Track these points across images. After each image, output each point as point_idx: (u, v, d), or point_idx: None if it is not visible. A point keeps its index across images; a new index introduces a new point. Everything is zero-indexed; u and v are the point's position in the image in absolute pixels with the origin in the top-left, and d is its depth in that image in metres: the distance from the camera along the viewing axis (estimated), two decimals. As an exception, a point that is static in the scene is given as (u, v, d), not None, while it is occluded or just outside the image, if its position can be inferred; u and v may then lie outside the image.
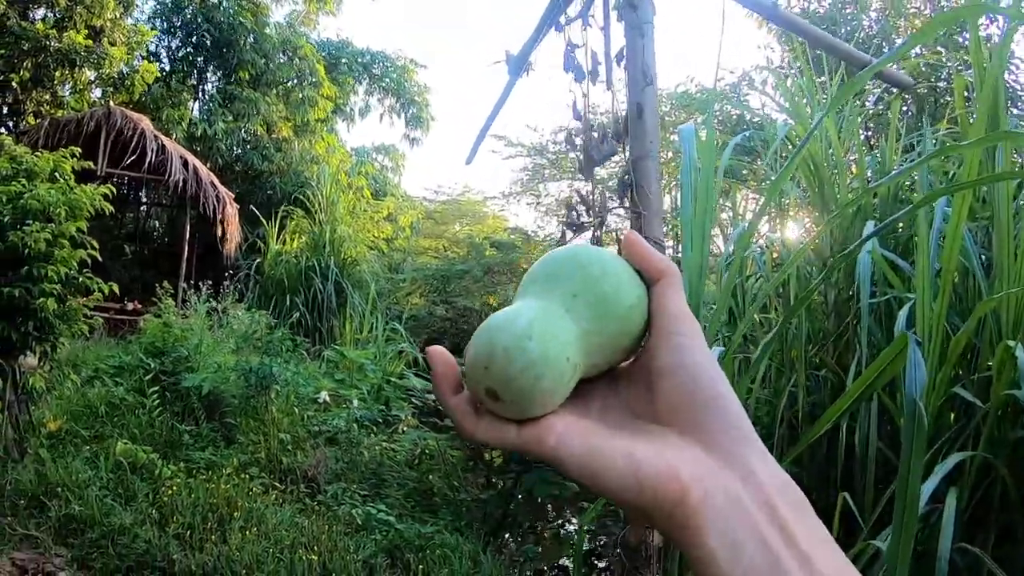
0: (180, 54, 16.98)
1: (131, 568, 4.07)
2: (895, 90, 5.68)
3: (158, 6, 16.80)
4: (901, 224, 3.83)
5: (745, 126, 9.62)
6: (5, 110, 14.28)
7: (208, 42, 16.18)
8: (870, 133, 7.76)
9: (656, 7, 1.94)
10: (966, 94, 3.80)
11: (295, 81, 16.46)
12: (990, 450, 2.65)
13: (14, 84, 13.10)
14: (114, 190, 7.25)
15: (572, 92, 2.05)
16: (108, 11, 13.29)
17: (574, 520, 7.74)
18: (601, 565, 5.88)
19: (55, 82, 13.76)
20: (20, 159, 5.61)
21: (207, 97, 16.85)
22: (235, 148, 15.79)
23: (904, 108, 6.56)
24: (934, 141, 4.46)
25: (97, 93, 15.01)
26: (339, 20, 33.11)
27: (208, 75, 17.30)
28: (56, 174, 5.78)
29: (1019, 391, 2.43)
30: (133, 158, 12.49)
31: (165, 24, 16.74)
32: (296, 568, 4.06)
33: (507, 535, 6.48)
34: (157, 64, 15.52)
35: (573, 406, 0.49)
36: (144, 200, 18.10)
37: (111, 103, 13.13)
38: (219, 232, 13.52)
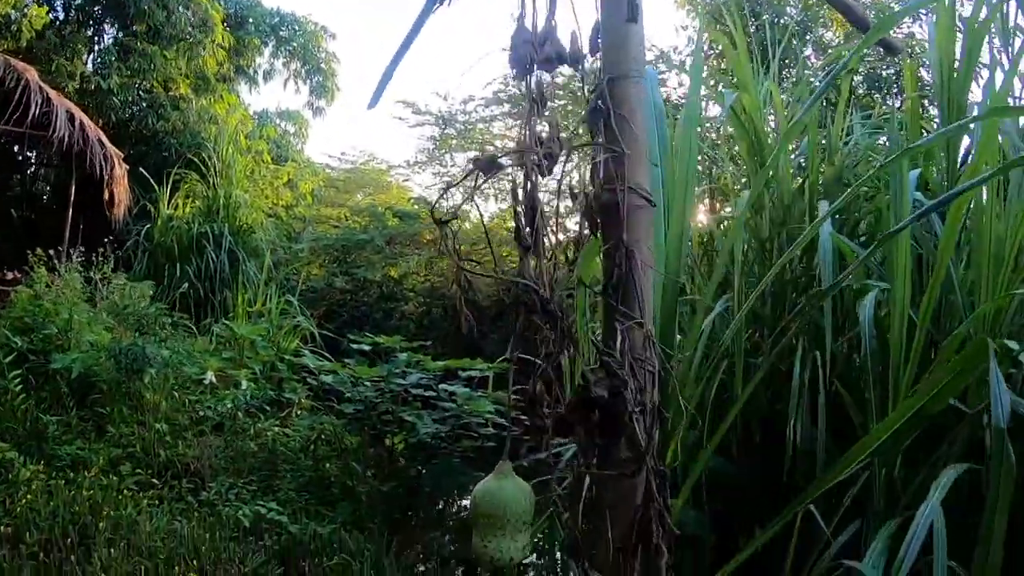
0: (76, 2, 15.53)
1: (-22, 602, 3.44)
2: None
3: (53, -54, 15.30)
4: (851, 205, 3.58)
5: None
6: None
7: (106, -11, 14.92)
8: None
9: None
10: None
11: (188, 28, 15.31)
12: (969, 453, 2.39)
13: None
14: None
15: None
16: (-5, -52, 11.93)
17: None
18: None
19: (-70, 24, 12.34)
20: None
21: (102, 49, 15.52)
22: (130, 106, 14.69)
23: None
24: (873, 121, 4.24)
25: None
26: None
27: (105, 26, 15.92)
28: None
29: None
30: (14, 109, 11.25)
31: (60, -32, 15.29)
32: (172, 587, 3.52)
33: (414, 524, 6.08)
34: (49, 11, 14.12)
35: None
36: (32, 161, 16.63)
37: (-7, 50, 11.87)
38: (107, 195, 12.43)
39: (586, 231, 1.32)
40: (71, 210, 12.86)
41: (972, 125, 2.85)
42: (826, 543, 2.57)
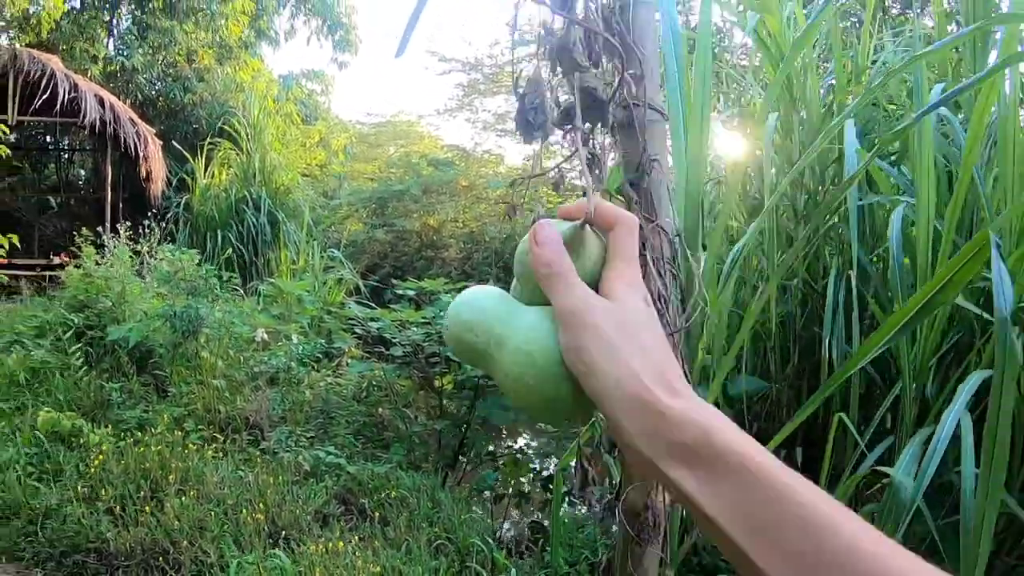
0: (90, -12, 15.69)
1: (64, 553, 3.67)
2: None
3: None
4: (875, 126, 3.55)
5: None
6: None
7: (117, -28, 15.03)
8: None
9: None
10: None
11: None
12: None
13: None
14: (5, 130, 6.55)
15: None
16: (7, -52, 12.07)
17: (533, 443, 7.58)
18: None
19: (-45, 28, 12.62)
20: None
21: (122, 30, 15.67)
22: (155, 82, 14.89)
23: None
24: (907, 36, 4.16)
25: (3, 40, 13.84)
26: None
27: (122, 8, 16.05)
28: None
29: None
30: (43, 99, 11.44)
31: (70, -42, 15.37)
32: (243, 529, 3.73)
33: (465, 463, 6.26)
34: (65, 1, 14.28)
35: None
36: (65, 147, 16.96)
37: (17, 46, 12.01)
38: (143, 172, 12.68)
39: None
40: (109, 190, 13.16)
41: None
42: (860, 456, 2.63)
